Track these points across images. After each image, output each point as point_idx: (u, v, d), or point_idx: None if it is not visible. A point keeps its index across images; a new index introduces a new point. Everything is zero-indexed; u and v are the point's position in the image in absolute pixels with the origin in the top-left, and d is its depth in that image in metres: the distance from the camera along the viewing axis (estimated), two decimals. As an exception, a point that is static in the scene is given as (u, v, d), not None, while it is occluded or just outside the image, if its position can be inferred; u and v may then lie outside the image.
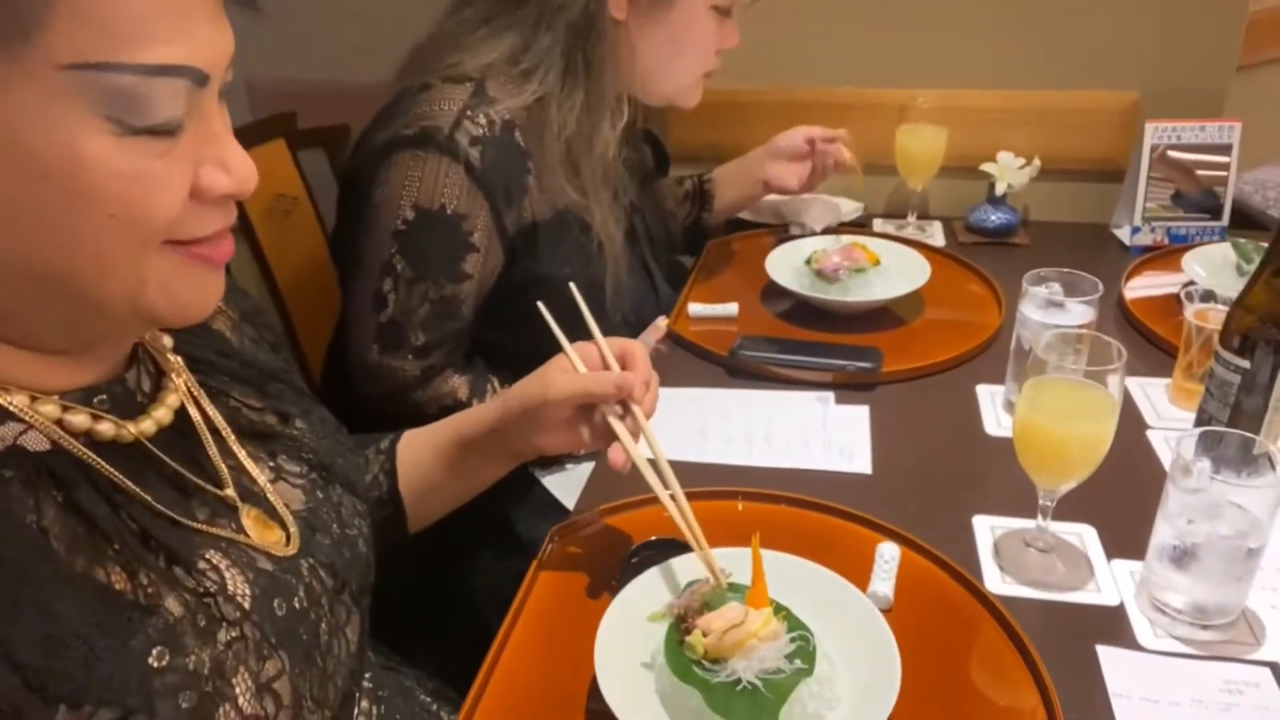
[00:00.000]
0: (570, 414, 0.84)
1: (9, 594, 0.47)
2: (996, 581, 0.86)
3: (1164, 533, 0.79)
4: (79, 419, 0.54)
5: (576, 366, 0.84)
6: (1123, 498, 0.93)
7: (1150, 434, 1.06)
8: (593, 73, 1.13)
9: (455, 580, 1.15)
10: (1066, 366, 0.83)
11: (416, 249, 1.09)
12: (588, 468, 1.07)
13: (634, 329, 1.16)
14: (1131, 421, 1.08)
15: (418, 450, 0.90)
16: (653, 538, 0.88)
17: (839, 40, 1.65)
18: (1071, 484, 0.84)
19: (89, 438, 0.55)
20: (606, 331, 0.88)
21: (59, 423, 0.53)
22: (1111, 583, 0.85)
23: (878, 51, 1.64)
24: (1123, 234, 1.56)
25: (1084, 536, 0.90)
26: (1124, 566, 0.86)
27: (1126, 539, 0.88)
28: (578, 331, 0.88)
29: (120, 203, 0.49)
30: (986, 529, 0.92)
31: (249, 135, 1.46)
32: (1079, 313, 1.06)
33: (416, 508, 0.90)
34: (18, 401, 0.52)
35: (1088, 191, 1.65)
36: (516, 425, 0.85)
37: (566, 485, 1.17)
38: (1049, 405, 0.82)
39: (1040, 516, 0.87)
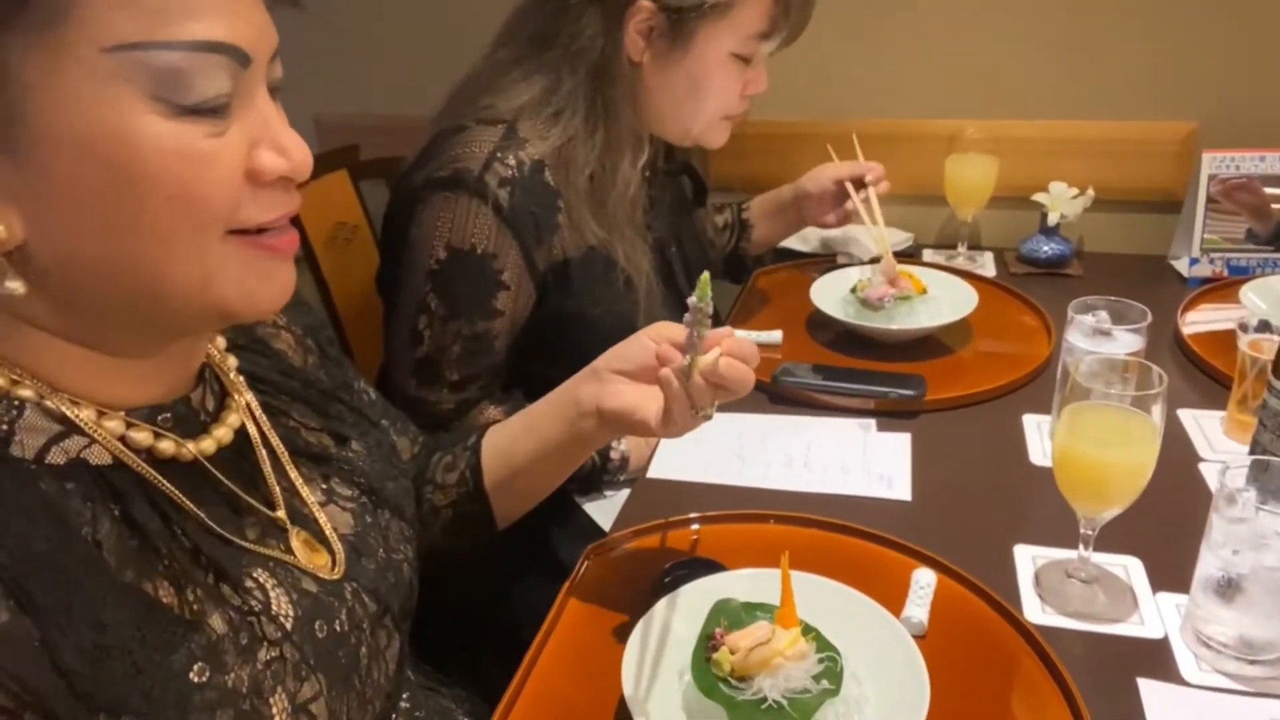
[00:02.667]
0: (652, 358, 0.82)
1: (61, 603, 0.48)
2: (1036, 612, 0.84)
3: (1208, 563, 0.76)
4: (141, 436, 0.56)
5: None
6: (1172, 530, 0.91)
7: (1203, 466, 1.03)
8: (611, 113, 1.15)
9: (498, 604, 1.16)
10: (1109, 394, 0.81)
11: (449, 288, 1.12)
12: (627, 495, 1.08)
13: None
14: (1183, 453, 1.05)
15: (499, 434, 0.91)
16: (685, 558, 0.88)
17: (886, 70, 1.66)
18: (1113, 512, 0.82)
19: (150, 454, 0.57)
20: None
21: (122, 439, 0.55)
22: (1156, 615, 0.83)
23: (925, 81, 1.65)
24: (1181, 265, 1.53)
25: (1129, 568, 0.88)
26: (1170, 599, 0.84)
27: (1174, 572, 0.86)
28: None
29: (176, 183, 0.50)
30: (1028, 559, 0.90)
31: (314, 167, 1.52)
32: (1127, 341, 1.04)
33: (501, 499, 0.90)
34: (85, 415, 0.54)
35: (1144, 222, 1.62)
36: (598, 359, 0.85)
37: (607, 511, 1.17)
38: (1088, 430, 0.81)
39: (1082, 546, 0.85)
